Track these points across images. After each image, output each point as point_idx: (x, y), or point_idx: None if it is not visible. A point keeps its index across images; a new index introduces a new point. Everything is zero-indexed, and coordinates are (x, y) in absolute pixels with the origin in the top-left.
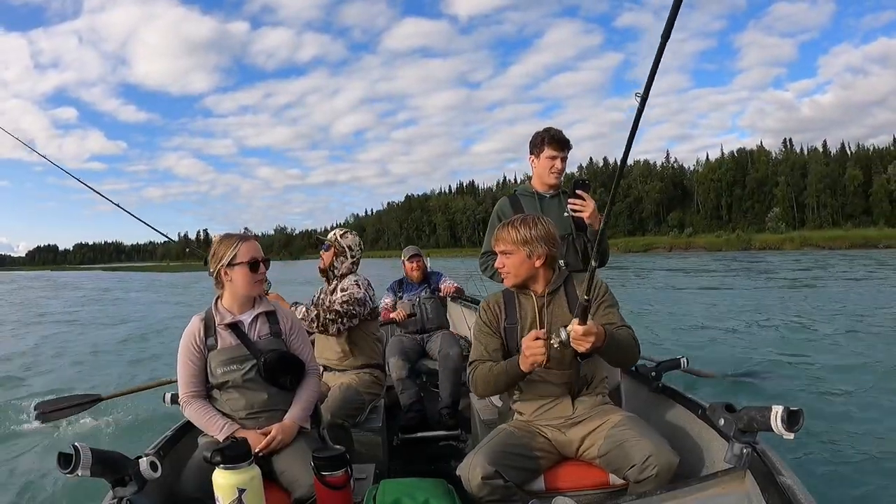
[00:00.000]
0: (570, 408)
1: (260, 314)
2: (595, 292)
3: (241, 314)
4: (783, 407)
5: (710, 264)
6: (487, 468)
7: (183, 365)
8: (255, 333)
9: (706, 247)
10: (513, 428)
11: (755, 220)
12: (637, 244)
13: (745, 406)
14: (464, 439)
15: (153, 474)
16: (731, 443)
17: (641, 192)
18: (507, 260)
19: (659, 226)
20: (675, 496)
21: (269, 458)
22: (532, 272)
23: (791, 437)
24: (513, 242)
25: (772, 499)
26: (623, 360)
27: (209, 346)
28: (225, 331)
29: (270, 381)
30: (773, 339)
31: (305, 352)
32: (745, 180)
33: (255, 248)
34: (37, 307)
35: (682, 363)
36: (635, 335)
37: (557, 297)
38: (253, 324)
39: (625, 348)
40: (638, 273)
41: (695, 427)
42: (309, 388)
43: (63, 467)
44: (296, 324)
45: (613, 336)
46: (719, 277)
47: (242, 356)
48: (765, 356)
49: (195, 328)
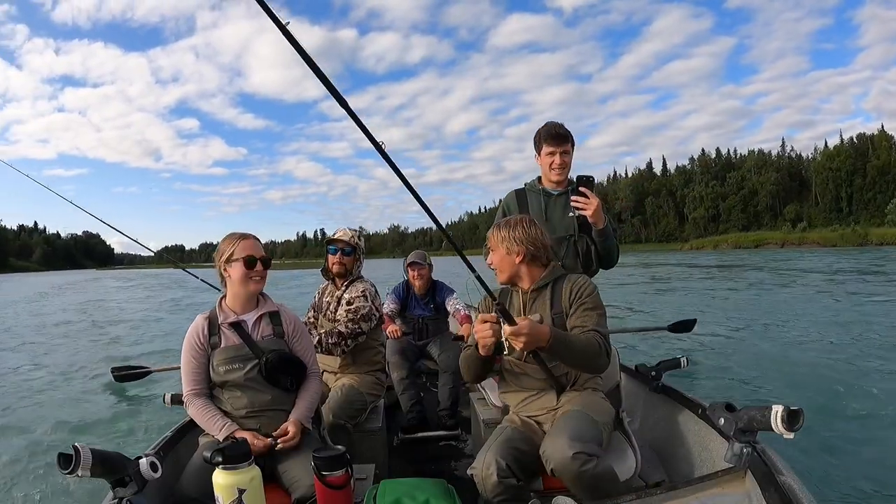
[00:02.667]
0: (555, 400)
1: (263, 315)
2: (577, 293)
3: (244, 314)
4: (783, 406)
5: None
6: (503, 467)
7: (186, 362)
8: (258, 333)
9: (820, 241)
10: (513, 426)
11: (878, 213)
12: (747, 240)
13: (745, 405)
14: (464, 440)
15: (153, 475)
16: (731, 442)
17: (756, 184)
18: (492, 256)
19: (775, 220)
20: (675, 496)
21: (270, 459)
22: (515, 268)
23: (791, 436)
24: (494, 241)
25: (772, 498)
26: (579, 364)
27: (212, 343)
28: (228, 330)
29: (271, 381)
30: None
31: (308, 354)
32: (866, 168)
33: (252, 246)
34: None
35: (681, 363)
36: (603, 342)
37: (543, 294)
38: (256, 324)
39: (579, 353)
40: (779, 273)
41: (695, 427)
42: (311, 390)
43: (63, 467)
44: (299, 325)
45: (562, 339)
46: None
47: (245, 355)
48: None
49: (199, 326)
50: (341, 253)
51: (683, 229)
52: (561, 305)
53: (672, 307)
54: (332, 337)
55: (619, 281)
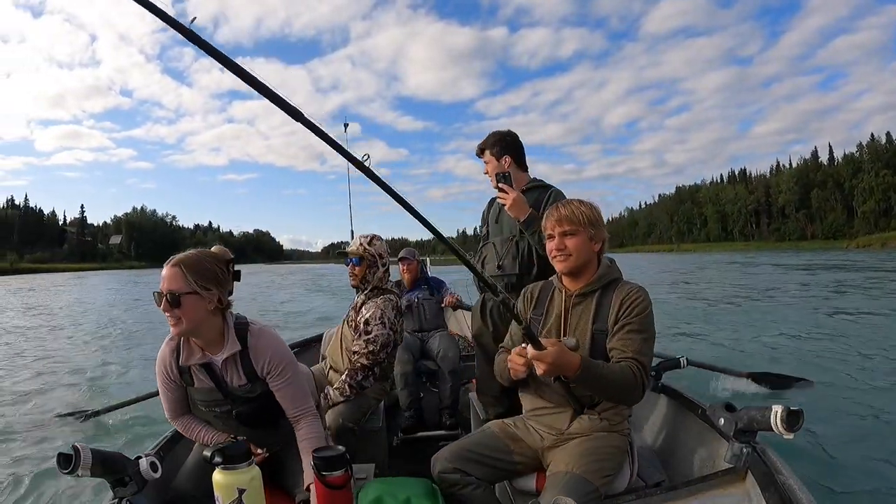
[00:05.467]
0: (567, 422)
1: (229, 358)
2: (626, 309)
3: (211, 351)
4: (783, 407)
5: None
6: (445, 465)
7: (162, 392)
8: (230, 378)
9: None
10: (497, 429)
11: None
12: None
13: (745, 406)
14: None
15: (153, 475)
16: (731, 443)
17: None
18: (570, 241)
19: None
20: (674, 496)
21: (270, 459)
22: (588, 258)
23: (791, 437)
24: (577, 221)
25: (772, 499)
26: (609, 397)
27: (185, 381)
28: (199, 371)
29: (247, 425)
30: None
31: (289, 393)
32: None
33: (163, 279)
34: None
35: (681, 363)
36: (640, 373)
37: (588, 302)
38: (226, 366)
39: (610, 387)
40: None
41: (695, 427)
42: (310, 440)
43: (63, 468)
44: (274, 361)
45: (593, 372)
46: None
47: (219, 400)
48: None
49: (166, 361)
50: (351, 263)
51: (853, 224)
52: (606, 322)
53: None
54: (358, 374)
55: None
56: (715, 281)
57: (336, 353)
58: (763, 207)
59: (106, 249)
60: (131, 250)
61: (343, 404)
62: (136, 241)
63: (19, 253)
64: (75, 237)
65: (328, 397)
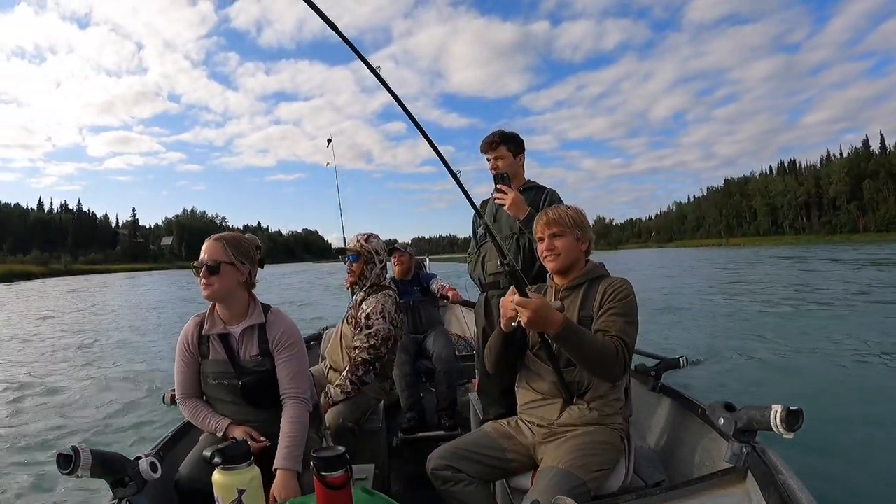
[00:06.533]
0: (557, 412)
1: (248, 328)
2: (609, 296)
3: (231, 324)
4: (782, 406)
5: None
6: (439, 462)
7: (178, 366)
8: (244, 350)
9: None
10: (491, 428)
11: None
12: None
13: (744, 405)
14: None
15: (153, 475)
16: (731, 442)
17: None
18: (559, 242)
19: None
20: (674, 496)
21: (270, 457)
22: (576, 258)
23: (791, 436)
24: (565, 223)
25: (772, 499)
26: (591, 364)
27: (202, 353)
28: (217, 342)
29: (252, 403)
30: None
31: (290, 369)
32: None
33: (203, 250)
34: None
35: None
36: (623, 350)
37: (575, 294)
38: (242, 338)
39: (591, 352)
40: None
41: (694, 427)
42: (292, 423)
43: (63, 468)
44: (285, 336)
45: (575, 330)
46: None
47: (229, 373)
48: None
49: (189, 333)
50: (349, 260)
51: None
52: (591, 308)
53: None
54: (359, 370)
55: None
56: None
57: (336, 352)
58: (814, 199)
59: (157, 250)
60: (182, 251)
61: (343, 404)
62: (186, 242)
63: (73, 255)
64: (127, 239)
65: (329, 395)
